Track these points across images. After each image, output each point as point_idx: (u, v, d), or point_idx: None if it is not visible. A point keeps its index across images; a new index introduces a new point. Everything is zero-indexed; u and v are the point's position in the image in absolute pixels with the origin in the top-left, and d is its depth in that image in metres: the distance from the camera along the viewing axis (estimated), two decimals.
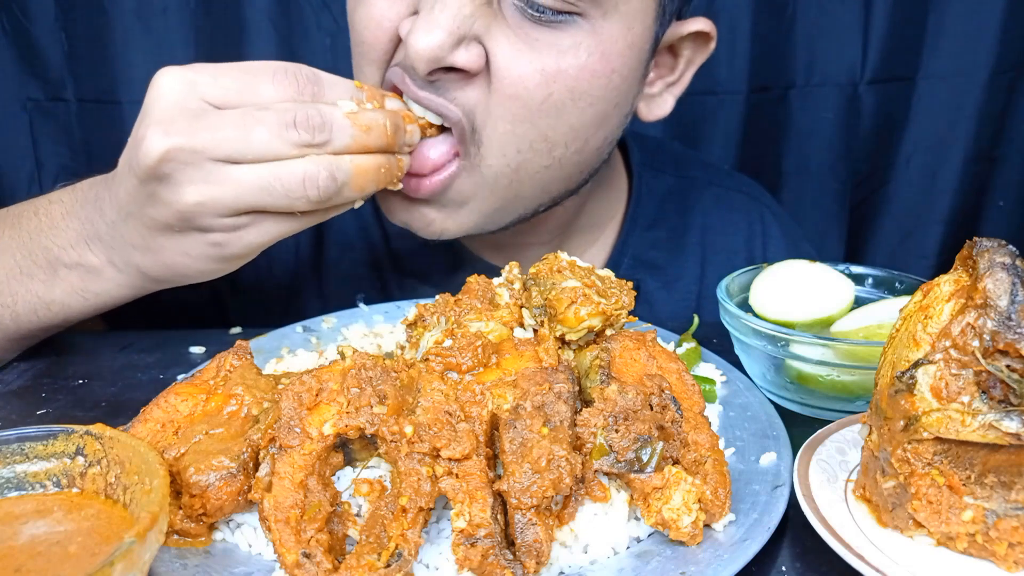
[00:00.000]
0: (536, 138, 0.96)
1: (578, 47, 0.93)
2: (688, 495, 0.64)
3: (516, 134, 0.95)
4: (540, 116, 0.94)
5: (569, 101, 0.95)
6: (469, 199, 1.00)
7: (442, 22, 0.87)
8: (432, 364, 0.71)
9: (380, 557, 0.58)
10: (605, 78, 0.96)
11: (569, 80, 0.94)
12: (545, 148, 0.98)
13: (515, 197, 1.02)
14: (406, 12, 0.93)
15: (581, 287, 0.79)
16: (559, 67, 0.93)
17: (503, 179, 0.99)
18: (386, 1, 0.94)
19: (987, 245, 0.62)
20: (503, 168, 0.97)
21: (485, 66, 0.92)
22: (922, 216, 2.04)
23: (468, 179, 0.98)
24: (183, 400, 0.73)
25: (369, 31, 0.96)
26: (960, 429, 0.60)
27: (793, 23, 1.86)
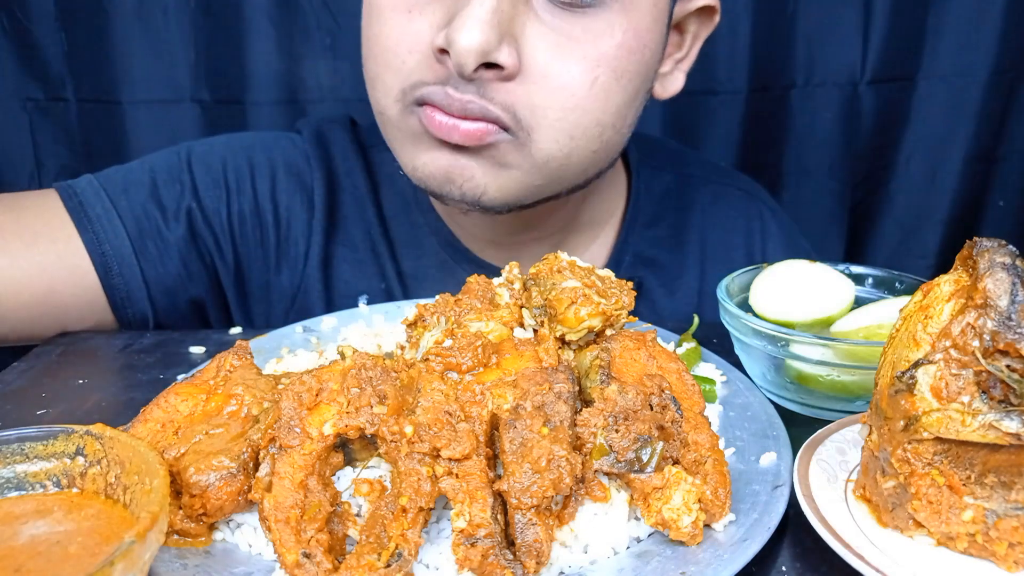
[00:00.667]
0: (590, 123, 0.98)
1: (613, 27, 0.95)
2: (688, 495, 0.64)
3: (568, 121, 0.97)
4: (590, 101, 0.96)
5: (614, 82, 0.97)
6: (513, 166, 1.00)
7: (484, 16, 0.88)
8: (432, 364, 0.71)
9: (380, 557, 0.58)
10: (639, 53, 0.99)
11: (611, 61, 0.96)
12: (597, 132, 1.00)
13: (560, 178, 1.04)
14: (429, 30, 0.94)
15: (581, 287, 0.79)
16: (599, 51, 0.95)
17: (554, 162, 1.00)
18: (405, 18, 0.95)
19: (987, 245, 0.62)
20: (556, 153, 0.99)
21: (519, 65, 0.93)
22: (922, 216, 2.04)
23: (514, 150, 0.98)
24: (183, 400, 0.73)
25: (392, 44, 0.97)
26: (960, 429, 0.60)
27: (793, 23, 1.86)
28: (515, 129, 0.96)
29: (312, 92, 1.84)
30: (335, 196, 1.26)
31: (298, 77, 1.83)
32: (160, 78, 1.80)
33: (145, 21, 1.76)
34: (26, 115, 1.85)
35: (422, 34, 0.94)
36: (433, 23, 0.94)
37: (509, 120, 0.95)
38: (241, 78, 1.82)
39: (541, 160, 0.99)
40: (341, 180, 1.27)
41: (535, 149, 0.98)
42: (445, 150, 0.99)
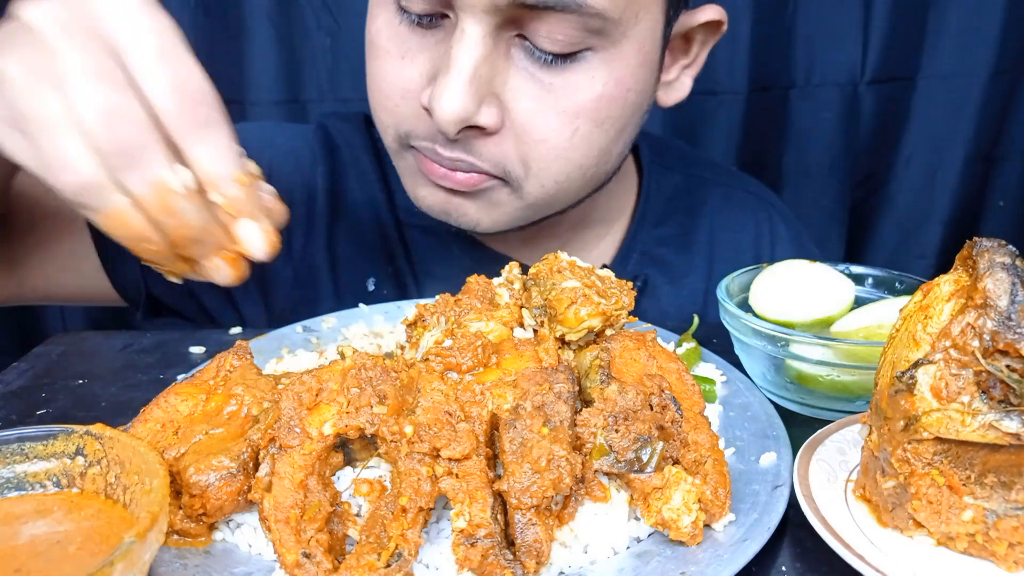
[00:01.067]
0: (572, 169, 1.01)
1: (593, 81, 0.96)
2: (688, 495, 0.64)
3: (552, 170, 1.00)
4: (571, 151, 0.99)
5: (595, 128, 0.99)
6: (505, 204, 1.04)
7: (462, 86, 0.90)
8: (432, 364, 0.71)
9: (380, 557, 0.58)
10: (621, 100, 0.99)
11: (591, 113, 0.97)
12: (580, 174, 1.03)
13: (550, 207, 1.08)
14: (419, 80, 0.97)
15: (581, 287, 0.79)
16: (578, 105, 0.96)
17: (542, 201, 1.04)
18: (399, 64, 0.97)
19: (987, 245, 0.62)
20: (542, 195, 1.03)
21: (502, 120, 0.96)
22: (922, 216, 2.04)
23: (506, 193, 1.03)
24: (183, 400, 0.73)
25: (385, 86, 1.00)
26: (960, 429, 0.60)
27: (793, 23, 1.86)
28: (505, 178, 1.00)
29: (312, 92, 1.84)
30: (340, 182, 1.27)
31: (298, 77, 1.83)
32: None
33: None
34: None
35: (412, 82, 0.97)
36: (423, 72, 0.97)
37: (500, 173, 0.99)
38: (241, 78, 1.82)
39: (531, 201, 1.03)
40: (346, 167, 1.28)
41: (525, 194, 1.02)
42: (440, 189, 1.03)
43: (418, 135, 1.00)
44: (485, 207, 1.04)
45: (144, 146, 0.63)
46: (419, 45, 0.97)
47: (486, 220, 1.06)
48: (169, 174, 0.64)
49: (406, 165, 1.07)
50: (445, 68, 0.91)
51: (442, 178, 1.00)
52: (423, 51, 0.96)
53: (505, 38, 0.93)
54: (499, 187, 1.02)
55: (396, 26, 0.98)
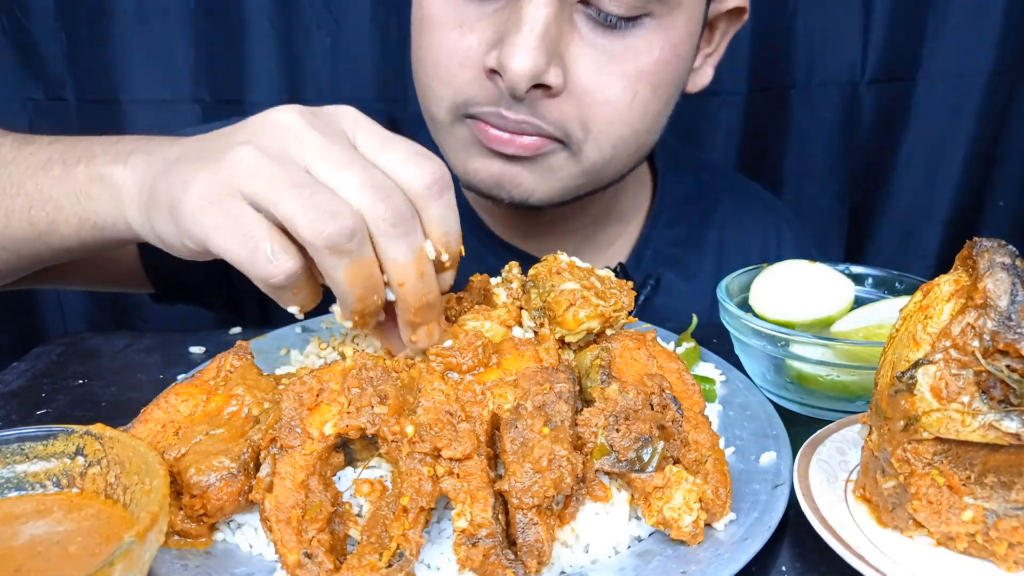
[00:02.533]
0: (629, 133, 1.04)
1: (652, 45, 1.00)
2: (689, 494, 0.64)
3: (610, 133, 1.03)
4: (630, 114, 1.02)
5: (652, 94, 1.03)
6: (561, 171, 1.06)
7: (535, 42, 0.92)
8: (433, 364, 0.71)
9: (382, 557, 0.58)
10: (675, 65, 1.05)
11: (650, 77, 1.01)
12: (635, 139, 1.06)
13: (601, 178, 1.10)
14: (480, 48, 0.98)
15: (579, 289, 0.79)
16: (639, 68, 1.00)
17: (596, 167, 1.07)
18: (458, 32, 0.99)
19: (987, 245, 0.62)
20: (599, 159, 1.05)
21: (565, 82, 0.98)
22: (922, 216, 2.04)
23: (565, 158, 1.04)
24: (183, 400, 0.73)
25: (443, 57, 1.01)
26: (960, 429, 0.60)
27: (793, 23, 1.86)
28: (567, 142, 1.03)
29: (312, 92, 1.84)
30: None
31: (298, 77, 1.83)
32: (160, 78, 1.80)
33: (145, 21, 1.76)
34: (26, 115, 1.85)
35: (472, 50, 0.99)
36: (484, 39, 0.98)
37: (561, 135, 1.02)
38: (241, 78, 1.82)
39: (587, 166, 1.06)
40: None
41: (583, 158, 1.04)
42: (497, 158, 1.05)
43: (479, 101, 1.01)
44: (542, 174, 1.05)
45: (413, 217, 0.68)
46: (476, 14, 0.99)
47: (541, 189, 1.07)
48: (427, 245, 0.70)
49: (457, 139, 1.07)
50: (516, 27, 0.93)
51: (506, 143, 1.01)
52: (481, 19, 0.98)
53: (569, 3, 0.96)
54: (558, 151, 1.03)
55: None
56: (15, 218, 0.88)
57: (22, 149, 0.91)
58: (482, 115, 1.01)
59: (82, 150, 0.87)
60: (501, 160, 1.04)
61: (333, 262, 0.66)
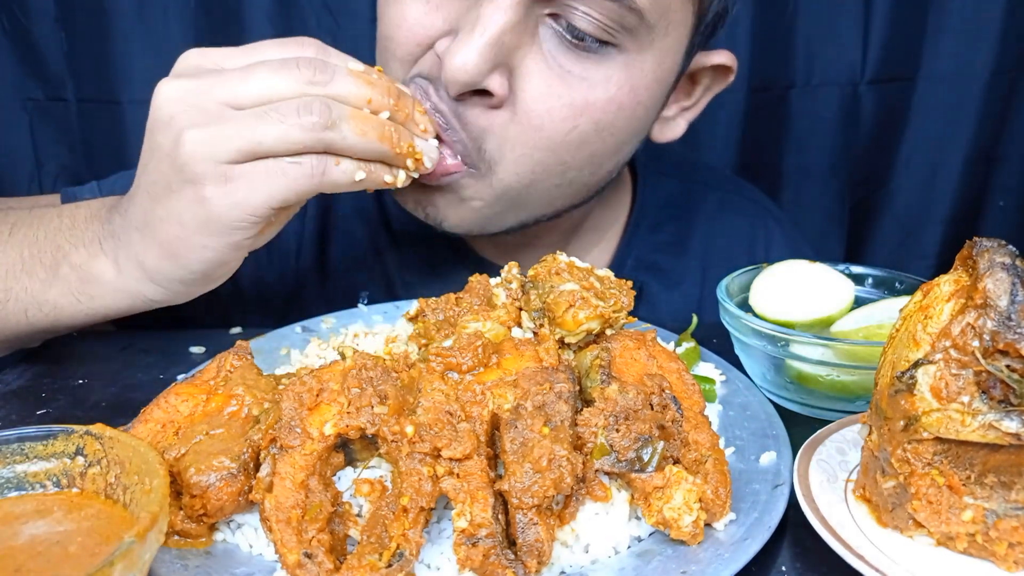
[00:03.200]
0: (554, 163, 0.98)
1: (609, 80, 0.94)
2: (689, 494, 0.64)
3: (534, 158, 0.96)
4: (562, 147, 0.96)
5: (593, 133, 0.96)
6: (473, 198, 1.01)
7: (481, 47, 0.87)
8: (432, 364, 0.71)
9: (381, 557, 0.58)
10: (630, 110, 0.98)
11: (596, 113, 0.95)
12: (560, 170, 0.99)
13: (520, 205, 1.03)
14: (443, 27, 0.93)
15: (579, 290, 0.79)
16: (587, 100, 0.94)
17: (512, 191, 1.00)
18: (424, 8, 0.94)
19: (987, 245, 0.62)
20: (515, 183, 0.99)
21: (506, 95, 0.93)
22: (922, 216, 2.04)
23: (474, 183, 0.99)
24: (183, 400, 0.73)
25: (402, 32, 0.96)
26: (960, 429, 0.60)
27: (793, 23, 1.86)
28: (476, 161, 0.96)
29: None
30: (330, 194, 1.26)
31: None
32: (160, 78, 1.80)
33: (145, 21, 1.76)
34: (26, 115, 1.85)
35: (434, 28, 0.94)
36: (447, 19, 0.93)
37: (473, 150, 0.95)
38: None
39: (500, 190, 0.99)
40: None
41: (495, 180, 0.98)
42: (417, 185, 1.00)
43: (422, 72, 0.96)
44: (452, 202, 1.01)
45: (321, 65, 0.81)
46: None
47: (452, 216, 1.02)
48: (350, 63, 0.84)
49: None
50: (469, 25, 0.89)
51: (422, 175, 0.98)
52: (450, 2, 0.93)
53: (536, 14, 0.91)
54: (467, 178, 0.98)
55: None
56: (12, 320, 0.93)
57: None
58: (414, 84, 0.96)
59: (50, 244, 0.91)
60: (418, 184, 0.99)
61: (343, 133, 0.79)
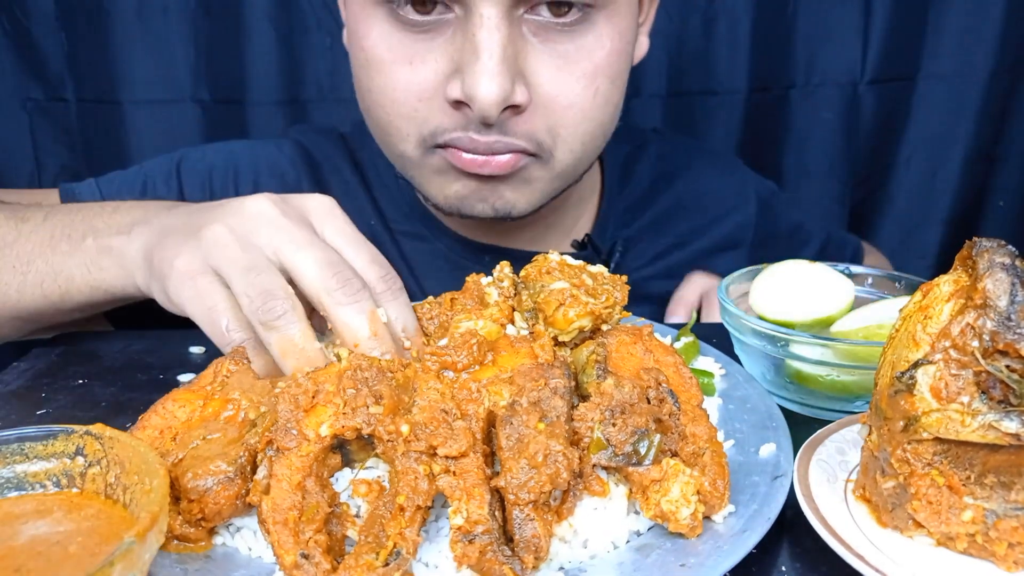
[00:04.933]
0: (595, 128, 1.06)
1: (602, 38, 1.01)
2: (686, 487, 0.64)
3: (578, 132, 1.05)
4: (594, 110, 1.04)
5: (612, 86, 1.05)
6: (537, 180, 1.08)
7: (495, 68, 0.93)
8: (428, 363, 0.71)
9: (378, 556, 0.58)
10: (627, 52, 1.07)
11: (606, 70, 1.03)
12: (602, 132, 1.09)
13: (574, 174, 1.12)
14: (434, 76, 0.99)
15: (569, 288, 0.79)
16: (595, 65, 1.01)
17: (570, 167, 1.09)
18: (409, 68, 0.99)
19: (987, 245, 0.62)
20: (571, 159, 1.07)
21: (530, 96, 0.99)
22: (922, 216, 2.04)
23: (539, 168, 1.06)
24: (181, 406, 0.73)
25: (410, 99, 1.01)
26: (960, 429, 0.60)
27: (793, 23, 1.86)
28: (538, 151, 1.04)
29: (312, 92, 1.84)
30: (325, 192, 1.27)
31: (298, 77, 1.83)
32: (160, 78, 1.80)
33: (145, 21, 1.76)
34: (26, 115, 1.85)
35: (429, 82, 0.99)
36: (439, 70, 0.99)
37: (532, 147, 1.03)
38: (241, 78, 1.82)
39: (560, 170, 1.07)
40: (328, 177, 1.29)
41: (556, 163, 1.06)
42: (473, 179, 1.05)
43: (447, 129, 1.01)
44: (519, 187, 1.07)
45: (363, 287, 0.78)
46: (426, 48, 0.99)
47: (522, 201, 1.09)
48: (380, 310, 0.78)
49: (431, 169, 1.07)
50: (474, 56, 0.93)
51: (482, 166, 1.02)
52: (431, 52, 0.99)
53: (517, 17, 0.96)
54: (531, 163, 1.05)
55: (396, 34, 1.00)
56: (28, 292, 0.97)
57: (21, 228, 1.00)
58: (452, 142, 1.02)
59: (84, 224, 0.96)
60: (478, 180, 1.05)
61: (265, 335, 0.76)
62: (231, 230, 0.79)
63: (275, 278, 0.76)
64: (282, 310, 0.75)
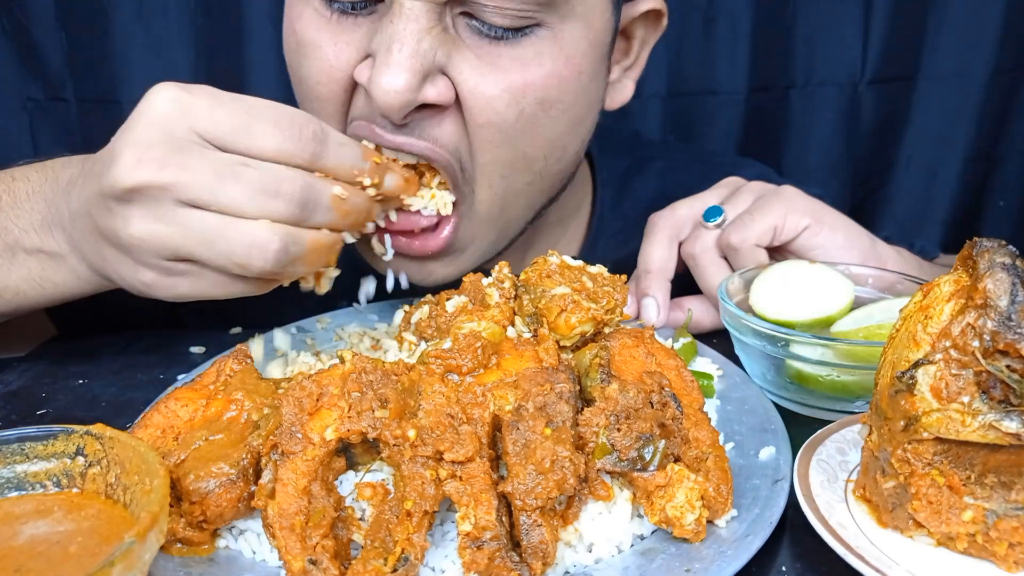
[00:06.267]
0: (516, 158, 0.94)
1: (541, 56, 0.90)
2: (691, 492, 0.64)
3: (497, 160, 0.93)
4: (516, 135, 0.92)
5: (541, 113, 0.92)
6: (470, 243, 0.99)
7: (403, 61, 0.83)
8: (432, 366, 0.71)
9: (386, 562, 0.58)
10: (573, 81, 0.94)
11: (538, 91, 0.91)
12: (525, 165, 0.96)
13: (506, 223, 1.01)
14: (357, 57, 0.90)
15: (570, 294, 0.79)
16: (525, 81, 0.90)
17: (494, 208, 0.97)
18: (334, 49, 0.90)
19: (987, 245, 0.62)
20: (492, 198, 0.96)
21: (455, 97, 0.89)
22: (922, 216, 2.04)
23: (468, 225, 0.97)
24: (183, 405, 0.73)
25: (322, 85, 0.92)
26: (960, 429, 0.60)
27: (793, 23, 1.86)
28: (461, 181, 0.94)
29: None
30: None
31: None
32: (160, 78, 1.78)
33: (145, 21, 1.76)
34: (26, 115, 1.85)
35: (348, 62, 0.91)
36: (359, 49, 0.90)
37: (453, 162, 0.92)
38: (241, 78, 1.81)
39: (484, 213, 0.97)
40: None
41: (476, 203, 0.96)
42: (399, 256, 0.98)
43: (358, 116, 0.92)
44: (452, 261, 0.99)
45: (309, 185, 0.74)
46: (353, 32, 0.90)
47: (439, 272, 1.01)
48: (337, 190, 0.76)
49: None
50: (384, 46, 0.84)
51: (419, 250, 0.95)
52: (359, 37, 0.90)
53: (448, 15, 0.87)
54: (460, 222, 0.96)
55: (325, 16, 0.92)
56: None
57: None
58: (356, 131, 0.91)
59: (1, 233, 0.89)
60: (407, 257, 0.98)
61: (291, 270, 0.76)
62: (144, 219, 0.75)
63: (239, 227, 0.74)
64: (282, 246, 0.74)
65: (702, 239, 1.05)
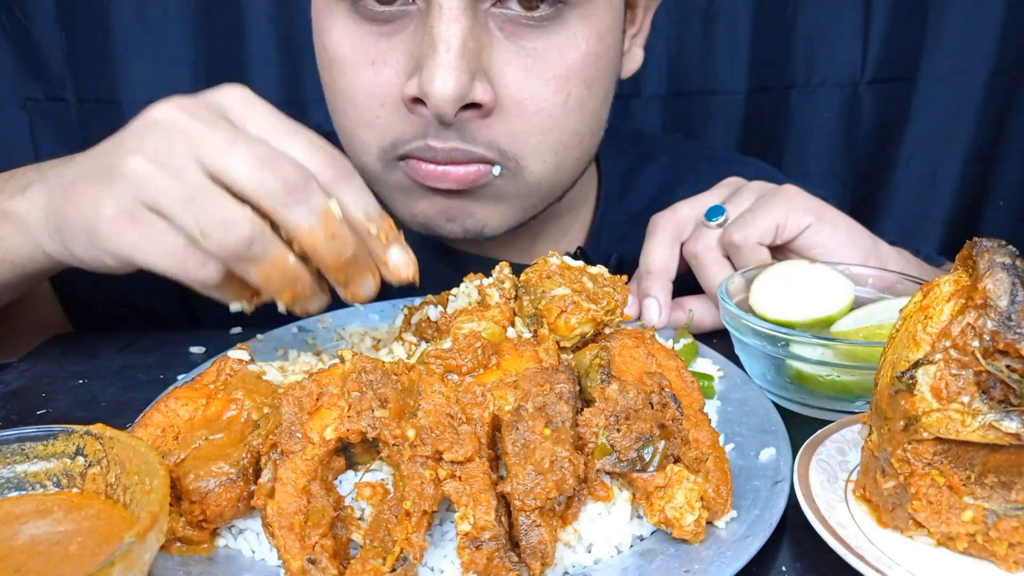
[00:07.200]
0: (570, 137, 0.99)
1: (577, 39, 0.94)
2: (691, 493, 0.64)
3: (548, 141, 0.98)
4: (567, 117, 0.97)
5: (586, 91, 0.98)
6: (510, 196, 1.02)
7: (452, 62, 0.87)
8: (432, 366, 0.71)
9: (385, 562, 0.58)
10: (605, 56, 0.99)
11: (580, 73, 0.96)
12: (578, 142, 1.01)
13: (553, 191, 1.06)
14: (397, 79, 0.93)
15: (570, 295, 0.78)
16: (567, 67, 0.94)
17: (546, 181, 1.02)
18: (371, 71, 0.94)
19: (987, 245, 0.62)
20: (544, 171, 1.00)
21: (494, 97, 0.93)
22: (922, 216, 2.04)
23: (507, 181, 1.00)
24: (183, 405, 0.73)
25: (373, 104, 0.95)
26: (960, 429, 0.60)
27: (793, 23, 1.86)
28: (503, 161, 0.97)
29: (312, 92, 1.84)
30: None
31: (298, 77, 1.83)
32: (160, 78, 1.80)
33: (145, 21, 1.76)
34: (26, 115, 1.85)
35: (391, 85, 0.94)
36: (400, 70, 0.93)
37: (496, 156, 0.96)
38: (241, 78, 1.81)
39: (534, 183, 1.01)
40: None
41: (527, 175, 0.99)
42: (439, 196, 1.00)
43: (406, 138, 0.96)
44: (491, 204, 1.01)
45: (307, 179, 0.69)
46: (388, 46, 0.93)
47: (493, 221, 1.03)
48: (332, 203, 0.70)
49: (394, 185, 1.02)
50: (432, 49, 0.87)
51: (440, 178, 0.96)
52: (393, 49, 0.93)
53: (482, 11, 0.90)
54: (500, 178, 0.98)
55: (358, 31, 0.94)
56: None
57: None
58: (411, 152, 0.96)
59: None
60: (444, 196, 0.99)
61: (244, 268, 0.68)
62: (148, 158, 0.69)
63: (222, 201, 0.67)
64: (249, 237, 0.67)
65: (704, 238, 1.06)
